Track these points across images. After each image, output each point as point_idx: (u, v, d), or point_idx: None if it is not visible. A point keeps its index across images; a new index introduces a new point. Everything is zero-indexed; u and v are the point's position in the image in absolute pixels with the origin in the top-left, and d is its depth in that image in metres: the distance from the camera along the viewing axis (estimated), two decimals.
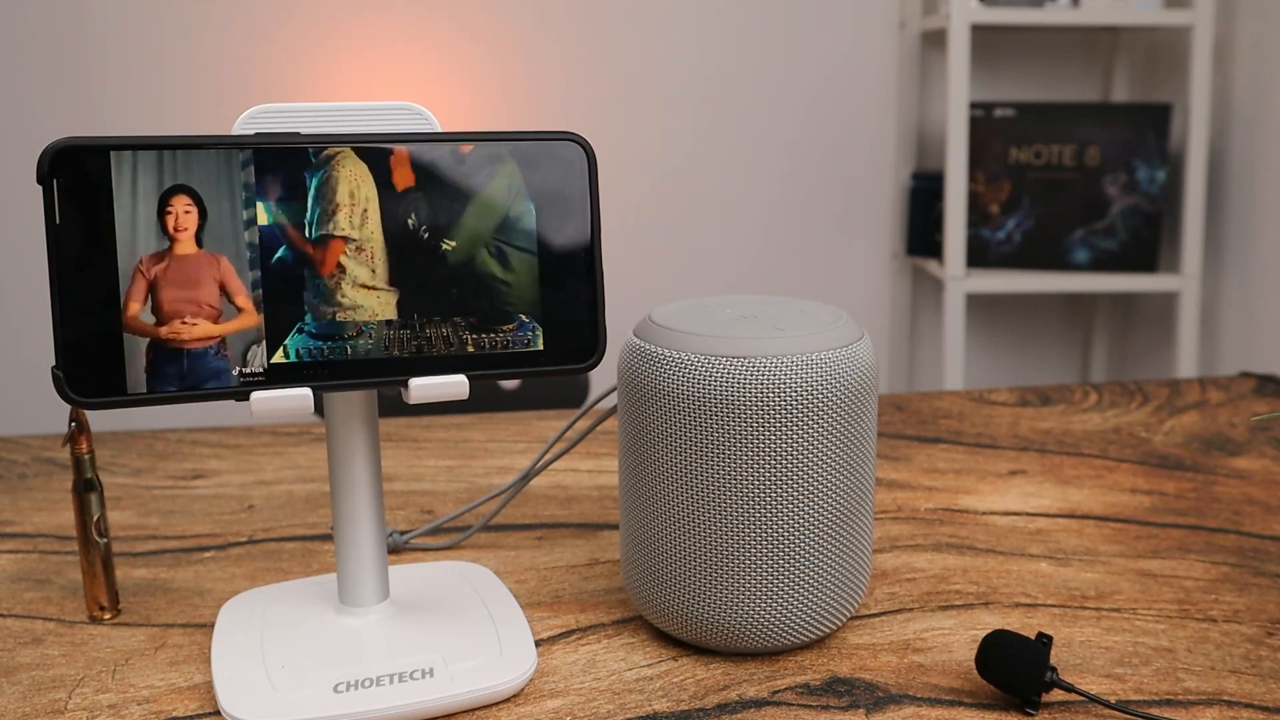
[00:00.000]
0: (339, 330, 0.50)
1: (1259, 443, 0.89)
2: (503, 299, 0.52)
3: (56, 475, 0.83)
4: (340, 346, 0.50)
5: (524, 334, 0.52)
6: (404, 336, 0.51)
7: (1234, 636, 0.59)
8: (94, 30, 2.09)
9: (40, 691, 0.54)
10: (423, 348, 0.51)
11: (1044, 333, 2.48)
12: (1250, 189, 2.05)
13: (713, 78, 2.26)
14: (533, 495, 0.79)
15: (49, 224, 0.45)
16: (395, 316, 0.50)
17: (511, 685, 0.53)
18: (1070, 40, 2.34)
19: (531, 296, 0.52)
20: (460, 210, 0.51)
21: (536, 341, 0.52)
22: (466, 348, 0.51)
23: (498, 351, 0.52)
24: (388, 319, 0.50)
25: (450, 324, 0.51)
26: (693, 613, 0.55)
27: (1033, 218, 2.19)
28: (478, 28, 2.18)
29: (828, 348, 0.53)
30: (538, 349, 0.52)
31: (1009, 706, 0.52)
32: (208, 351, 0.48)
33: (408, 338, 0.51)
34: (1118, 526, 0.73)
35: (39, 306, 2.15)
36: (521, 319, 0.52)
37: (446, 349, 0.51)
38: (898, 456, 0.86)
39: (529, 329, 0.52)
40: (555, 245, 0.52)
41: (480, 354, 0.52)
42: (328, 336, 0.50)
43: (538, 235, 0.52)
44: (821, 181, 2.34)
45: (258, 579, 0.66)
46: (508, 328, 0.52)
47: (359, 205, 0.50)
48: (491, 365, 0.52)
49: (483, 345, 0.52)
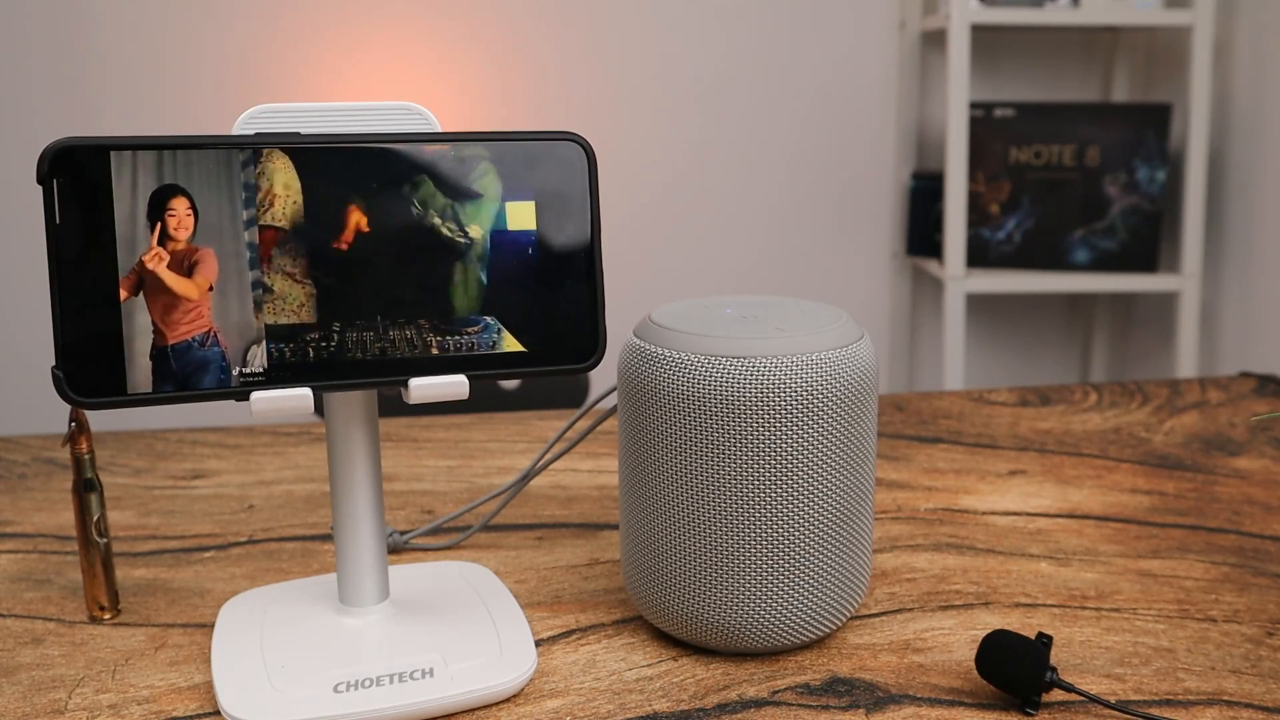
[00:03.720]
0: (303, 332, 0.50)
1: (1259, 443, 0.89)
2: (465, 300, 0.51)
3: (56, 475, 0.83)
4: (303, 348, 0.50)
5: (489, 336, 0.51)
6: (367, 339, 0.50)
7: (1234, 636, 0.59)
8: (94, 30, 2.09)
9: (40, 691, 0.54)
10: (386, 350, 0.50)
11: (1044, 333, 2.48)
12: (1250, 189, 2.05)
13: (713, 78, 2.26)
14: (533, 495, 0.79)
15: (49, 224, 0.45)
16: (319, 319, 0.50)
17: (511, 685, 0.53)
18: (1070, 40, 2.34)
19: (499, 297, 0.51)
20: (429, 209, 0.51)
21: (502, 343, 0.52)
22: (430, 350, 0.51)
23: (461, 354, 0.51)
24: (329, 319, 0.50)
25: (415, 325, 0.51)
26: (693, 613, 0.55)
27: (1033, 218, 2.19)
28: (478, 28, 2.18)
29: (828, 348, 0.53)
30: (509, 350, 0.52)
31: (1009, 706, 0.52)
32: (208, 352, 0.48)
33: (371, 340, 0.50)
34: (1118, 526, 0.73)
35: (39, 306, 2.15)
36: (486, 320, 0.51)
37: (410, 351, 0.51)
38: (898, 456, 0.86)
39: (493, 330, 0.52)
40: (555, 245, 0.52)
41: (444, 356, 0.51)
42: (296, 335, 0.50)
43: (537, 235, 0.52)
44: (821, 181, 2.34)
45: (258, 579, 0.66)
46: (471, 329, 0.51)
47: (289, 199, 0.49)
48: (466, 367, 0.51)
49: (446, 347, 0.51)
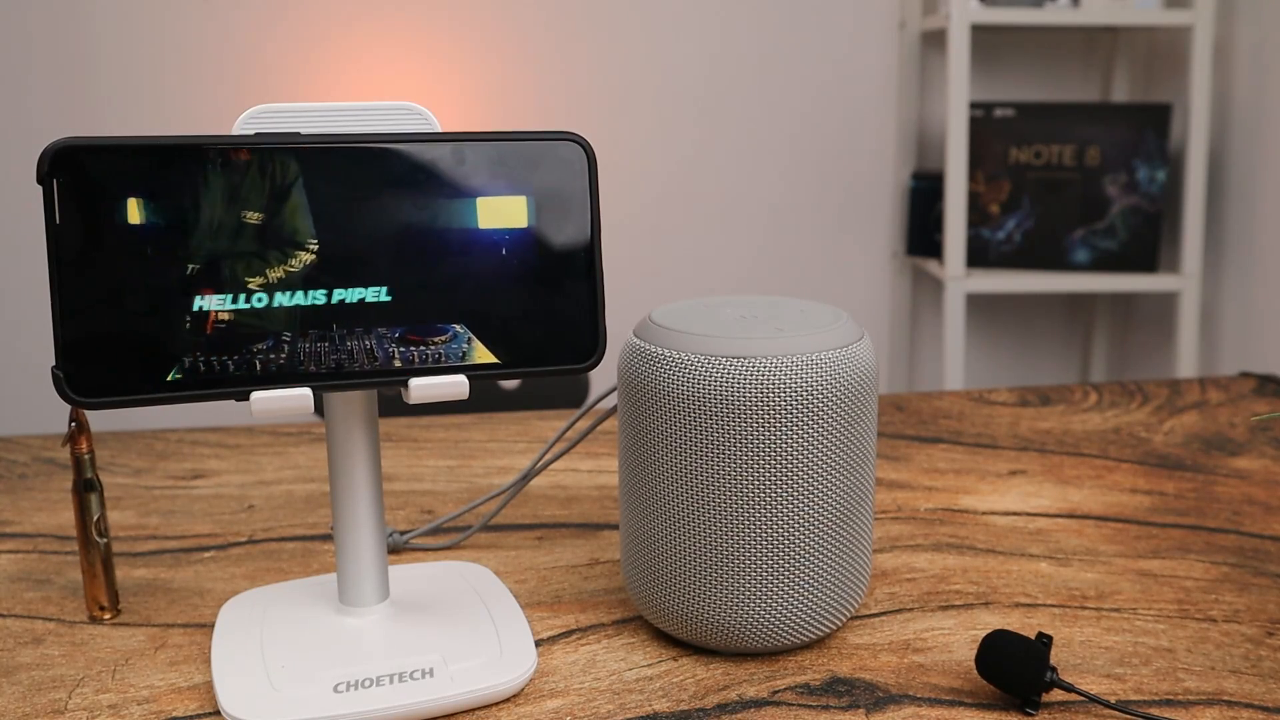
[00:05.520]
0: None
1: (1259, 443, 0.89)
2: (442, 307, 0.51)
3: (56, 475, 0.83)
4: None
5: (458, 346, 0.51)
6: (322, 350, 0.49)
7: (1234, 636, 0.58)
8: (93, 30, 2.09)
9: (40, 691, 0.54)
10: (342, 363, 0.49)
11: (1044, 333, 2.48)
12: (1250, 189, 2.05)
13: (713, 78, 2.26)
14: (533, 495, 0.79)
15: (49, 224, 0.45)
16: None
17: (511, 685, 0.53)
18: (1070, 40, 2.34)
19: (474, 307, 0.51)
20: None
21: (472, 354, 0.51)
22: (393, 361, 0.50)
23: (427, 366, 0.51)
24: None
25: (373, 335, 0.50)
26: (693, 613, 0.55)
27: (1033, 218, 2.19)
28: (478, 28, 2.18)
29: (828, 348, 0.53)
30: (481, 361, 0.51)
31: (1009, 706, 0.52)
32: (208, 351, 0.48)
33: (326, 350, 0.49)
34: (1118, 526, 0.73)
35: (39, 306, 2.15)
36: (455, 329, 0.51)
37: (370, 363, 0.50)
38: (898, 456, 0.86)
39: (463, 340, 0.51)
40: (555, 245, 0.52)
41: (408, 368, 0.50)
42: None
43: (537, 235, 0.52)
44: (821, 181, 2.34)
45: (258, 579, 0.66)
46: (438, 339, 0.51)
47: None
48: (466, 367, 0.51)
49: (410, 359, 0.50)
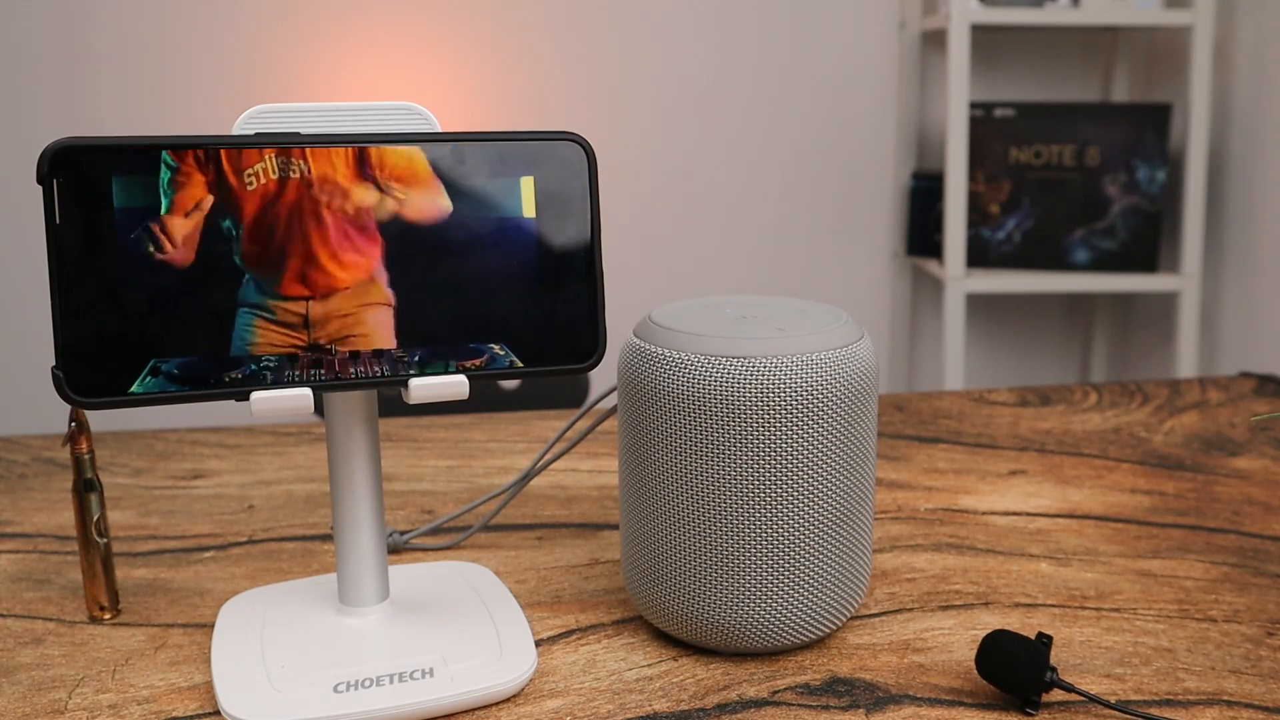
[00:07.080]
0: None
1: (1259, 443, 0.89)
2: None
3: (56, 475, 0.83)
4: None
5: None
6: (322, 350, 0.49)
7: (1234, 636, 0.58)
8: (94, 30, 2.09)
9: (40, 691, 0.54)
10: (343, 363, 0.49)
11: (1044, 333, 2.48)
12: (1250, 189, 2.05)
13: (713, 78, 2.26)
14: (533, 495, 0.79)
15: (49, 224, 0.45)
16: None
17: (511, 685, 0.53)
18: (1070, 40, 2.34)
19: (498, 297, 0.52)
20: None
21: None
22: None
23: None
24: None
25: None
26: (693, 613, 0.55)
27: (1033, 218, 2.19)
28: (478, 28, 2.18)
29: (828, 348, 0.53)
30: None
31: (1009, 706, 0.52)
32: (208, 351, 0.48)
33: (326, 351, 0.49)
34: (1118, 526, 0.73)
35: (39, 306, 2.15)
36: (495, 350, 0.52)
37: (370, 363, 0.50)
38: (898, 456, 0.86)
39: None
40: (555, 245, 0.52)
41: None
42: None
43: (537, 235, 0.52)
44: (821, 181, 2.34)
45: (258, 579, 0.66)
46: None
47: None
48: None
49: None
